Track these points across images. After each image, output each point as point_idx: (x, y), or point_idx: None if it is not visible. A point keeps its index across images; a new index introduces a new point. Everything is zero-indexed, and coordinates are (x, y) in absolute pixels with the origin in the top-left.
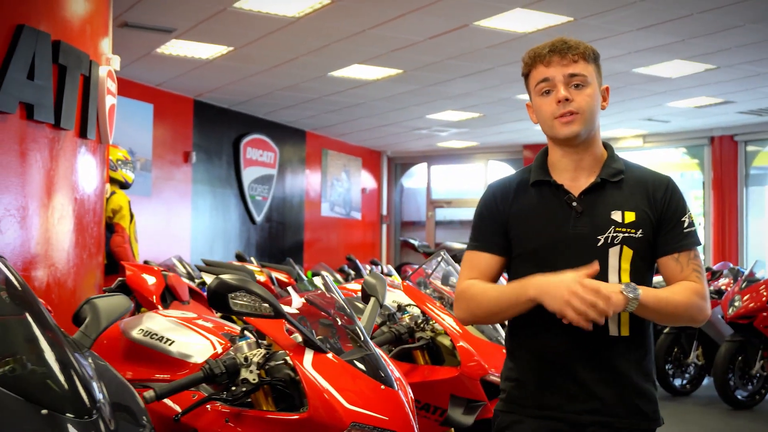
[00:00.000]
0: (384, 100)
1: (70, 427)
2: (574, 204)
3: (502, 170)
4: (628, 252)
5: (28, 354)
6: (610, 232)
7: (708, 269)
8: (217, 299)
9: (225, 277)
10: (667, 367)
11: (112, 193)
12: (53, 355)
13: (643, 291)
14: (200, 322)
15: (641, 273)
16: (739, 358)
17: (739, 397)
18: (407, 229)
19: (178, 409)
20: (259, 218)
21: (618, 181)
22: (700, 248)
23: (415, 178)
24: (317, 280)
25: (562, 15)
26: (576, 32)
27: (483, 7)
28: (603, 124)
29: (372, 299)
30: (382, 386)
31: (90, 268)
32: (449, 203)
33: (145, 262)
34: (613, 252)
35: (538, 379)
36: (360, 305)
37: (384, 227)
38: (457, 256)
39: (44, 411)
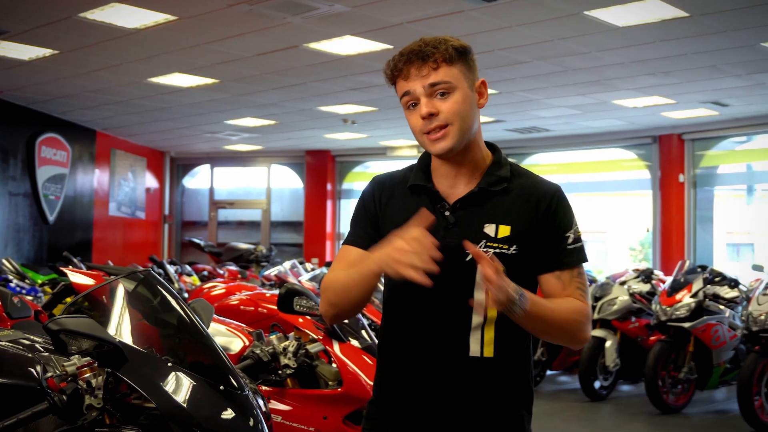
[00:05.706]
0: (190, 105)
1: (238, 399)
2: (447, 214)
3: (284, 173)
4: None
5: (199, 345)
6: (480, 247)
7: None
8: (286, 301)
9: (290, 285)
10: None
11: None
12: (211, 346)
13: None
14: (221, 319)
15: None
16: None
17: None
18: (189, 229)
19: None
20: (51, 217)
21: (500, 190)
22: (586, 265)
23: (197, 179)
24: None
25: (383, 43)
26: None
27: (316, 33)
28: (384, 134)
29: None
30: None
31: None
32: (232, 204)
33: None
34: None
35: (395, 394)
36: None
37: (166, 227)
38: (243, 256)
39: (222, 387)
